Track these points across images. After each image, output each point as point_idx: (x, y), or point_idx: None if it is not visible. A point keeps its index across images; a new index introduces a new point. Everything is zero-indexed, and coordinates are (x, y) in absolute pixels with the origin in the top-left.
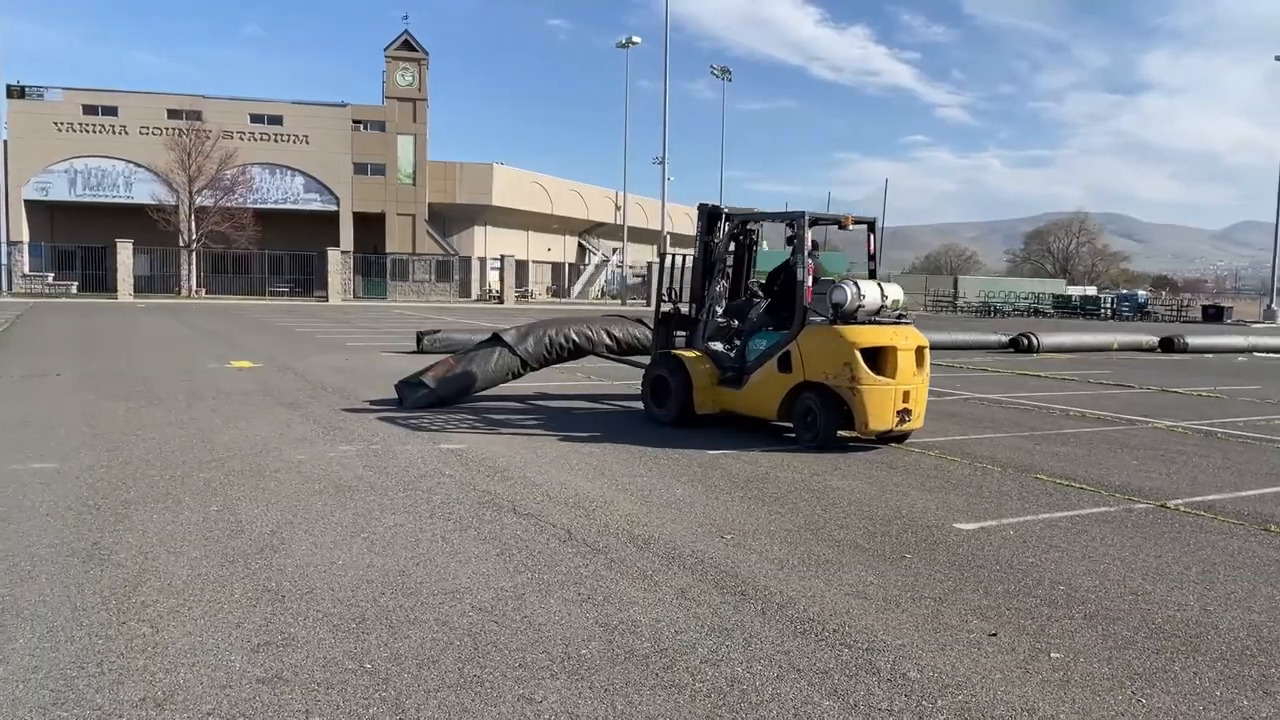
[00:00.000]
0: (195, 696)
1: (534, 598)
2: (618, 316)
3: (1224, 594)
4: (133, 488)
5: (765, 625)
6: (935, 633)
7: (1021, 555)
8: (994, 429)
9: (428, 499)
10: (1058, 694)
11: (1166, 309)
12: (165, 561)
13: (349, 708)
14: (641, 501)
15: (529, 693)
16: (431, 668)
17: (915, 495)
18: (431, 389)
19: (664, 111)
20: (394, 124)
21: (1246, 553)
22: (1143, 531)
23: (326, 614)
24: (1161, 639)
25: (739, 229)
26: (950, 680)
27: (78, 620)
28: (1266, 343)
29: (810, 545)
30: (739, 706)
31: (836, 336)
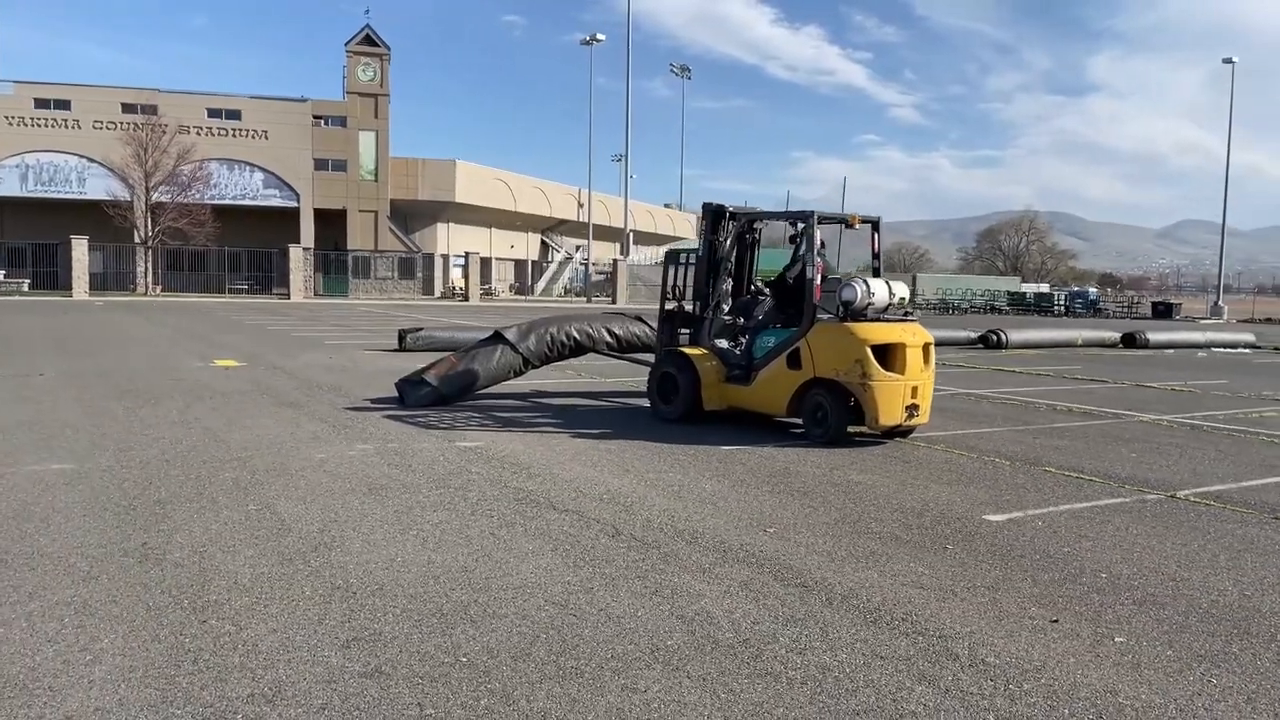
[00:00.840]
0: (303, 691)
1: (603, 591)
2: (618, 314)
3: (1256, 579)
4: (161, 487)
5: (835, 615)
6: (998, 620)
7: (1056, 545)
8: (989, 424)
9: (464, 496)
10: (1132, 676)
11: (1118, 306)
12: (223, 560)
13: (459, 699)
14: (674, 497)
15: (630, 683)
16: (526, 660)
17: (936, 488)
18: (434, 387)
19: (626, 109)
20: (355, 119)
21: (1265, 540)
22: (1162, 521)
23: (405, 610)
24: (1211, 623)
25: (745, 228)
26: (1028, 665)
27: (157, 619)
28: (1223, 338)
29: (852, 538)
30: (836, 693)
31: (848, 334)
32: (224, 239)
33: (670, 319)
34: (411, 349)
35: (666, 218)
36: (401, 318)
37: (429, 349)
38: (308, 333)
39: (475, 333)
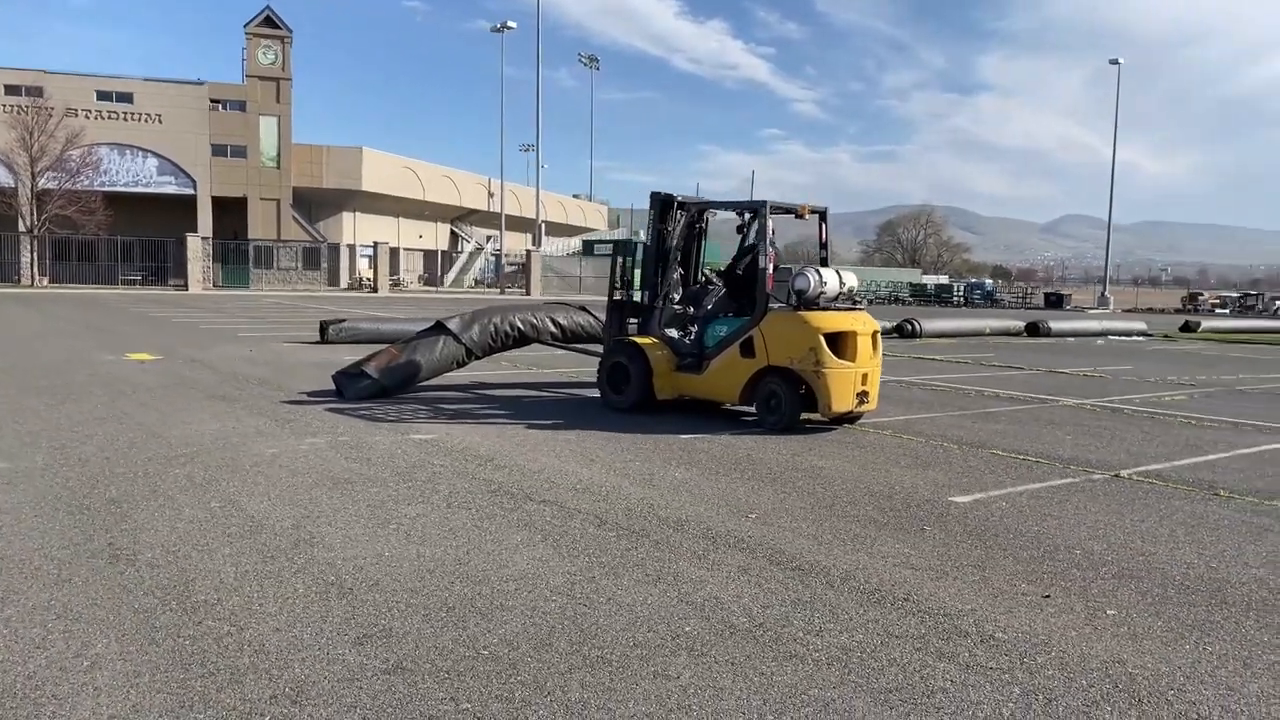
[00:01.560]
0: (327, 691)
1: (606, 581)
2: (561, 304)
3: (1217, 552)
4: (110, 485)
5: (840, 597)
6: (994, 598)
7: (1025, 524)
8: (927, 409)
9: (434, 489)
10: (1133, 647)
11: (1013, 297)
12: (200, 560)
13: (492, 692)
14: (648, 485)
15: (660, 669)
16: (549, 651)
17: (898, 472)
18: (375, 379)
19: (537, 98)
20: (256, 104)
21: (1213, 515)
22: (1114, 499)
23: (409, 605)
24: (1190, 594)
25: (695, 218)
26: (1035, 639)
27: (147, 622)
28: (1117, 326)
29: (832, 522)
30: (864, 672)
31: (801, 322)
32: (116, 228)
33: (619, 309)
34: (334, 341)
35: (578, 208)
36: (312, 309)
37: (352, 341)
38: (217, 325)
39: (398, 325)
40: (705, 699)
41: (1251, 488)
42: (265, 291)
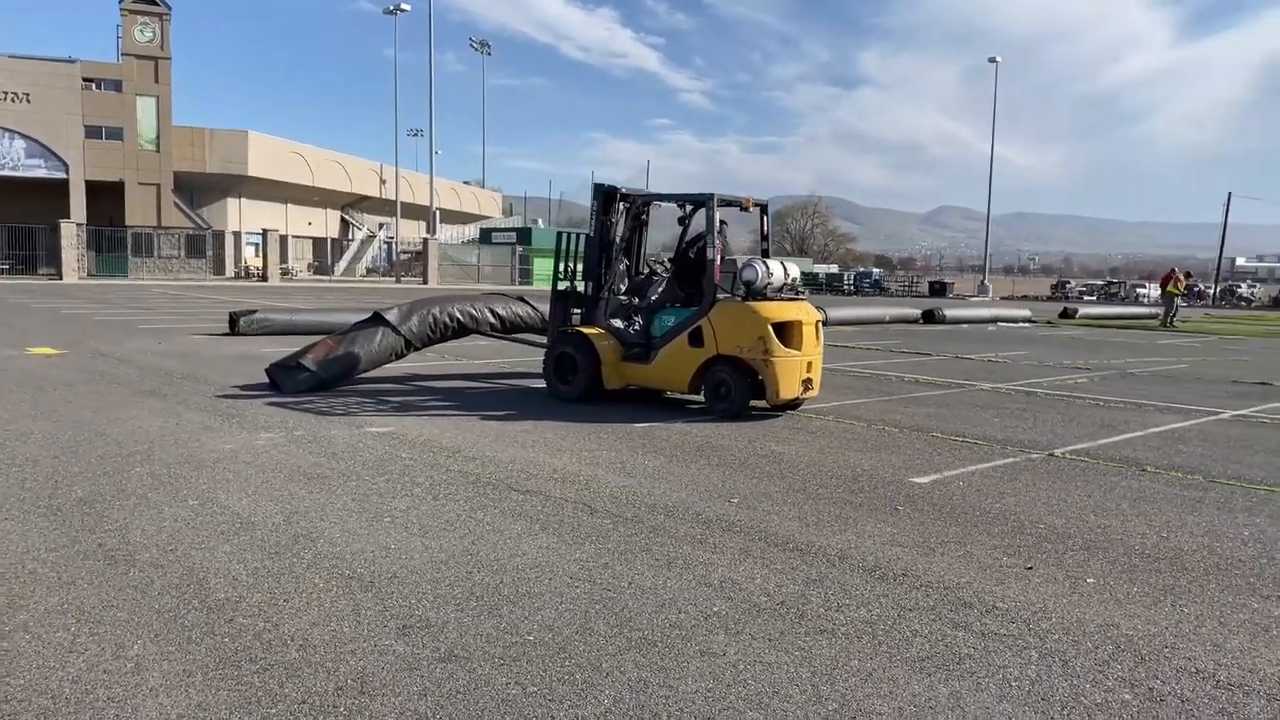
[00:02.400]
0: (391, 681)
1: (620, 566)
2: (498, 294)
3: (1163, 524)
4: (74, 486)
5: (845, 575)
6: (983, 571)
7: (986, 502)
8: (856, 395)
9: (413, 482)
10: (1121, 611)
11: (900, 286)
12: (203, 558)
13: (553, 675)
14: (622, 473)
15: (706, 648)
16: (592, 634)
17: (852, 456)
18: (313, 372)
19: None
20: (132, 84)
21: (1148, 490)
22: (1057, 477)
23: (437, 595)
24: (1153, 562)
25: (642, 209)
26: (1033, 607)
27: (175, 621)
28: (1006, 314)
29: (811, 504)
30: (894, 643)
31: (750, 312)
32: None
33: (563, 299)
34: (245, 333)
35: (471, 196)
36: (206, 300)
37: (265, 333)
38: (110, 317)
39: (312, 315)
40: (756, 673)
41: (1172, 464)
42: (146, 281)
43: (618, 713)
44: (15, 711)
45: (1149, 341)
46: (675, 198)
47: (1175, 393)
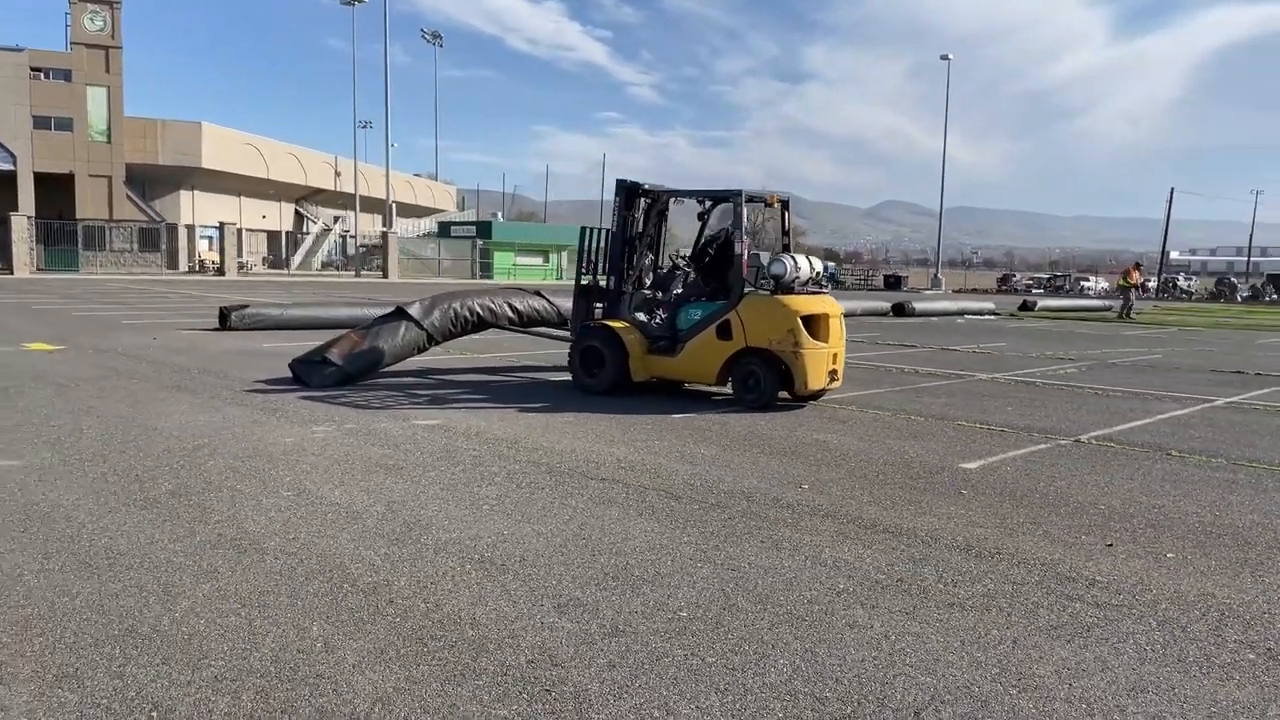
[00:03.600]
0: (575, 654)
1: (732, 548)
2: (516, 289)
3: (1209, 503)
4: (156, 479)
5: (944, 553)
6: (1067, 548)
7: (1040, 485)
8: (867, 386)
9: (489, 471)
10: (1210, 581)
11: (855, 279)
12: (328, 546)
13: (728, 646)
14: (685, 461)
15: (850, 621)
16: (738, 611)
17: (893, 443)
18: (339, 366)
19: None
20: (82, 73)
21: (1182, 473)
22: (1092, 461)
23: (574, 577)
24: (1216, 537)
25: (666, 205)
26: (1129, 580)
27: (339, 605)
28: (971, 306)
29: (878, 489)
30: (1023, 614)
31: (780, 305)
32: None
33: (586, 294)
34: (237, 328)
35: (426, 189)
36: (173, 295)
37: (257, 328)
38: (89, 312)
39: (299, 310)
40: (909, 643)
41: (1191, 448)
42: (99, 275)
43: (800, 677)
44: (237, 688)
45: (1114, 333)
46: (699, 194)
47: (1163, 381)
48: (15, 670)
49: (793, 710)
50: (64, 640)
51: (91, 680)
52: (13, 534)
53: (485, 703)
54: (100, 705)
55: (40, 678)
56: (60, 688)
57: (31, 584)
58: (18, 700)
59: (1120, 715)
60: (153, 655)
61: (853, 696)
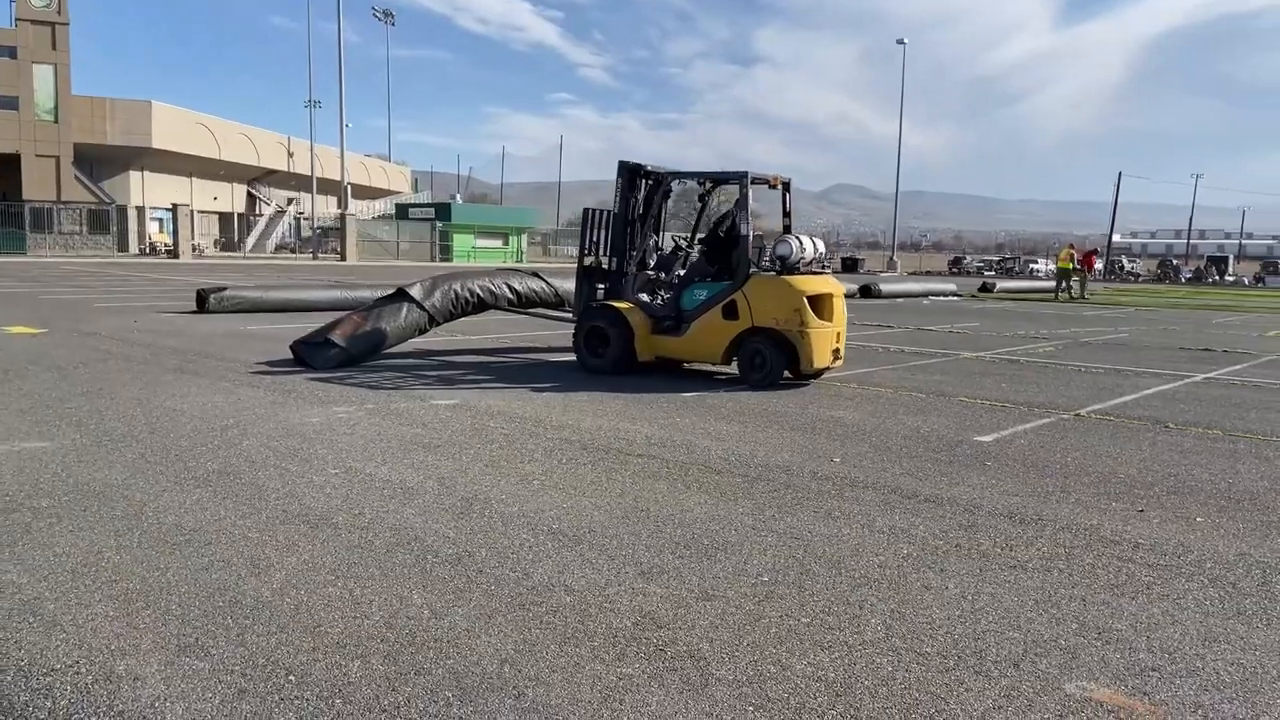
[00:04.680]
0: (675, 616)
1: (788, 519)
2: (514, 270)
3: (1220, 471)
4: (201, 459)
5: (990, 520)
6: (1103, 514)
7: (1055, 456)
8: (862, 365)
9: (525, 448)
10: (1244, 542)
11: None
12: (397, 520)
13: (818, 606)
14: (713, 438)
15: (924, 583)
16: (815, 577)
17: (905, 418)
18: (343, 347)
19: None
20: (28, 50)
21: (1184, 444)
22: (1099, 434)
23: (648, 546)
24: (1236, 503)
25: (669, 187)
26: (1170, 543)
27: (431, 575)
28: (935, 288)
29: (906, 462)
30: (1080, 573)
31: (787, 286)
32: None
33: (589, 275)
34: (215, 310)
35: (381, 170)
36: (134, 278)
37: (235, 310)
38: (58, 296)
39: (278, 293)
40: (987, 602)
41: (1185, 421)
42: (49, 258)
43: (896, 635)
44: (363, 652)
45: (1075, 313)
46: (703, 175)
47: (1138, 358)
48: (134, 642)
49: (900, 664)
50: (171, 613)
51: (216, 649)
52: (75, 513)
53: (607, 662)
54: (234, 671)
55: (162, 649)
56: (187, 656)
57: (115, 561)
58: (148, 670)
59: (1201, 663)
60: (267, 624)
61: (951, 651)
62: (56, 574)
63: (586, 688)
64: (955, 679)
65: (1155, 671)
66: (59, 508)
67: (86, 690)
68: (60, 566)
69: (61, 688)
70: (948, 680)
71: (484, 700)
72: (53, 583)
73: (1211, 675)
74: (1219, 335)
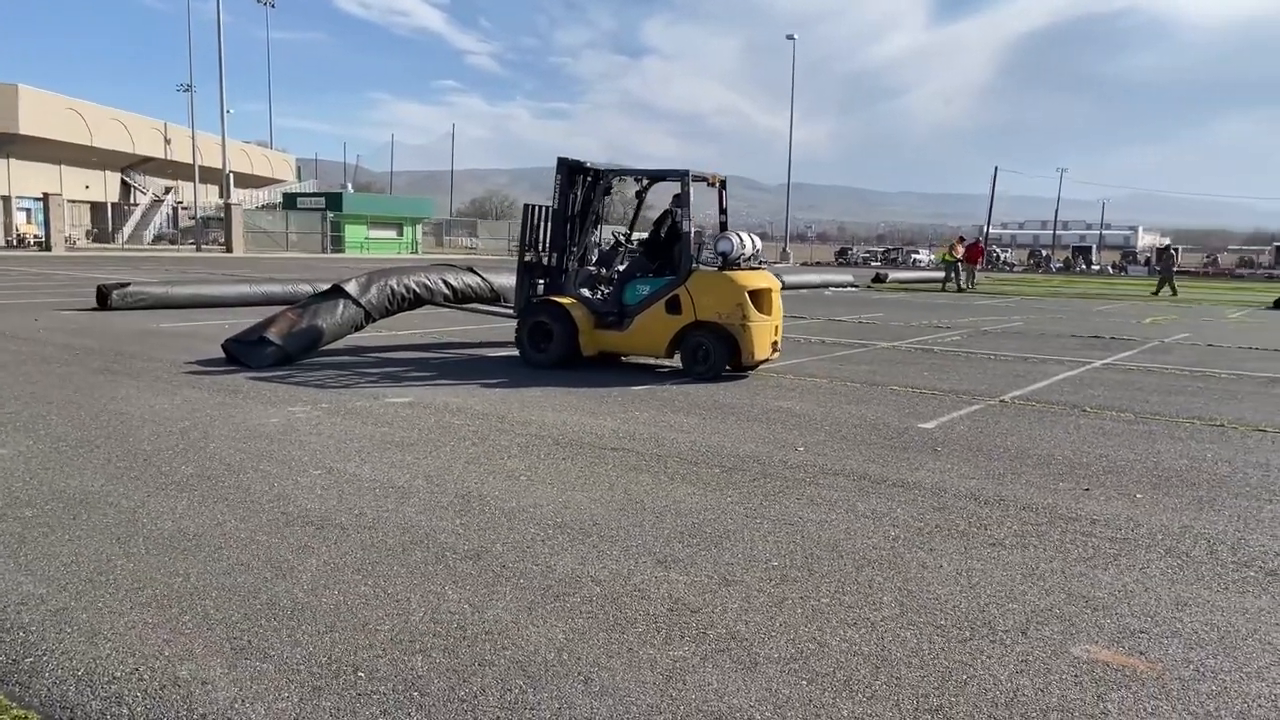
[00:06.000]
0: (709, 599)
1: (775, 507)
2: (449, 266)
3: (1144, 452)
4: (174, 462)
5: (958, 501)
6: (1054, 494)
7: (995, 440)
8: (788, 356)
9: (499, 444)
10: (1185, 515)
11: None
12: (401, 518)
13: (830, 588)
14: (677, 430)
15: (921, 561)
16: (819, 561)
17: (848, 408)
18: (279, 346)
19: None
20: None
21: (1106, 427)
22: (1026, 418)
23: (655, 536)
24: (1166, 480)
25: (609, 183)
26: (1123, 518)
27: (455, 571)
28: (834, 279)
29: (865, 449)
30: (1054, 547)
31: (729, 281)
32: None
33: (529, 270)
34: (119, 307)
35: (264, 158)
36: (13, 272)
37: (140, 307)
38: None
39: (185, 288)
40: (979, 577)
41: (1099, 405)
42: None
43: (911, 610)
44: (421, 647)
45: (968, 303)
46: (643, 172)
47: (1037, 346)
48: (187, 647)
49: (923, 637)
50: (211, 617)
51: (275, 650)
52: (66, 522)
53: (657, 645)
54: (301, 669)
55: (218, 652)
56: (247, 658)
57: (130, 569)
58: (213, 673)
59: (1180, 625)
60: (315, 624)
61: (964, 622)
62: (74, 583)
63: (647, 670)
64: (975, 648)
65: (1144, 634)
66: (46, 517)
67: (158, 696)
68: (75, 576)
69: (132, 695)
70: (969, 649)
71: (555, 686)
72: (74, 592)
73: (1192, 635)
74: (1103, 323)
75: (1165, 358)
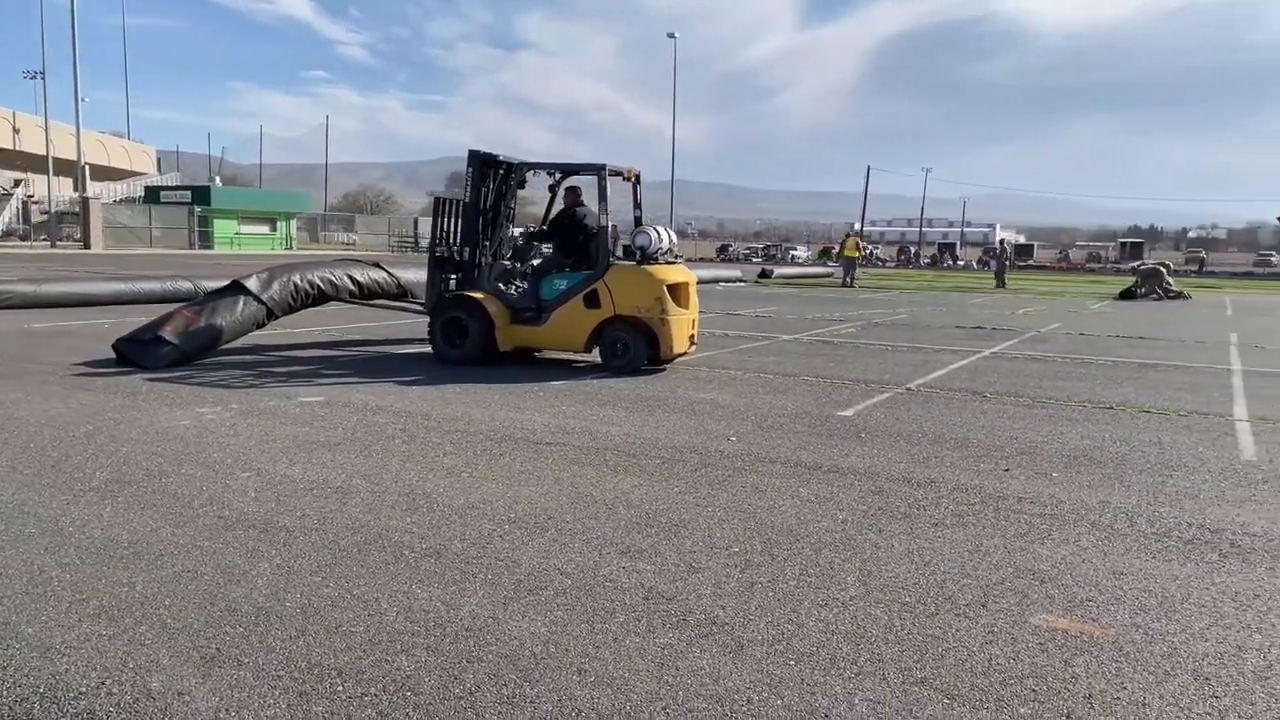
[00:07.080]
0: (680, 587)
1: (722, 495)
2: (354, 261)
3: (1047, 434)
4: (85, 468)
5: (893, 485)
6: (979, 475)
7: (912, 426)
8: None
9: (431, 442)
10: (1101, 491)
11: None
12: (351, 519)
13: (796, 570)
14: (608, 424)
15: (874, 542)
16: (778, 546)
17: (767, 398)
18: (175, 345)
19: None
20: None
21: (1009, 411)
22: (934, 405)
23: (614, 528)
24: (1073, 459)
25: (523, 177)
26: (1045, 495)
27: (424, 570)
28: (724, 275)
29: (791, 437)
30: (993, 524)
31: (648, 275)
32: None
33: (441, 265)
34: None
35: (121, 149)
36: None
37: (9, 306)
38: None
39: (55, 287)
40: (930, 555)
41: (997, 391)
42: None
43: (875, 588)
44: (403, 647)
45: (853, 297)
46: (557, 166)
47: (927, 337)
48: (152, 658)
49: (893, 612)
50: (171, 626)
51: (248, 656)
52: None
53: (642, 634)
54: (282, 675)
55: (187, 661)
56: (220, 666)
57: (68, 579)
58: (187, 683)
59: (1121, 593)
60: (284, 628)
61: (928, 597)
62: (10, 596)
63: (637, 658)
64: (943, 622)
65: (1090, 602)
66: None
67: (133, 709)
68: (8, 589)
69: (105, 709)
70: (937, 624)
71: (550, 679)
72: (11, 606)
73: (1134, 601)
74: (982, 314)
75: (1045, 346)
